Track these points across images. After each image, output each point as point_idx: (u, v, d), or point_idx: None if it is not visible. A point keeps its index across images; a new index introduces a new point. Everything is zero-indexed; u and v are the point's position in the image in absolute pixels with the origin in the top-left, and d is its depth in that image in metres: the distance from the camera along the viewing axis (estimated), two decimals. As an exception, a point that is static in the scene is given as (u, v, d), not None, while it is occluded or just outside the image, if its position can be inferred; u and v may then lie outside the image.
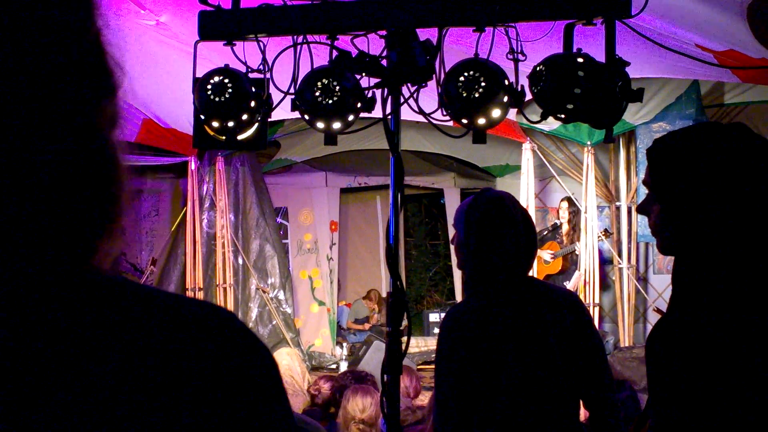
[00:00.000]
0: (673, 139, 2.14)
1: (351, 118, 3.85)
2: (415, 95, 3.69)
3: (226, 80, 3.88)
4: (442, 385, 3.13)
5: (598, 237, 9.47)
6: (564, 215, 10.16)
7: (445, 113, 3.81)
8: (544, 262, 10.10)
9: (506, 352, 3.07)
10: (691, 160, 2.05)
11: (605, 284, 10.35)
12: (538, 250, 8.72)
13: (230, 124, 3.96)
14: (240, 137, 4.08)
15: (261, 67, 4.00)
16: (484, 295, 3.21)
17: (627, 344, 9.50)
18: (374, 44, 3.73)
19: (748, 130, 2.06)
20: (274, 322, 10.78)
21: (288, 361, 8.64)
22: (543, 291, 3.26)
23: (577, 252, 9.74)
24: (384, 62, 3.54)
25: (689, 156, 2.05)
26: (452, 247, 3.46)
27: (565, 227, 10.18)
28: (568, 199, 10.10)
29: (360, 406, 4.84)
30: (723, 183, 2.00)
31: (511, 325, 3.11)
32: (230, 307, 10.07)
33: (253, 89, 3.97)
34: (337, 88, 3.73)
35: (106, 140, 0.82)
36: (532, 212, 9.17)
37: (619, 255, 10.16)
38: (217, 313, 0.87)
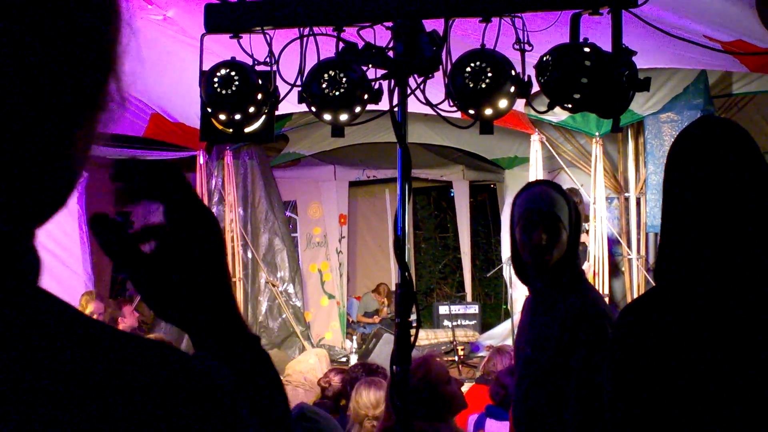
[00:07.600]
0: None
1: (358, 109, 3.85)
2: (421, 86, 3.69)
3: (233, 73, 3.88)
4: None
5: None
6: None
7: (452, 104, 3.80)
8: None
9: None
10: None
11: (616, 274, 10.32)
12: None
13: (237, 116, 3.96)
14: (247, 130, 4.08)
15: (267, 59, 4.01)
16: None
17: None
18: (381, 36, 3.73)
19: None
20: (284, 316, 10.79)
21: (314, 362, 8.61)
22: None
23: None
24: (390, 54, 3.54)
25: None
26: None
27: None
28: (572, 191, 10.06)
29: (372, 400, 4.76)
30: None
31: None
32: (240, 301, 10.10)
33: (260, 82, 3.97)
34: (344, 79, 3.72)
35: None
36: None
37: (629, 245, 10.14)
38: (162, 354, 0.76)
